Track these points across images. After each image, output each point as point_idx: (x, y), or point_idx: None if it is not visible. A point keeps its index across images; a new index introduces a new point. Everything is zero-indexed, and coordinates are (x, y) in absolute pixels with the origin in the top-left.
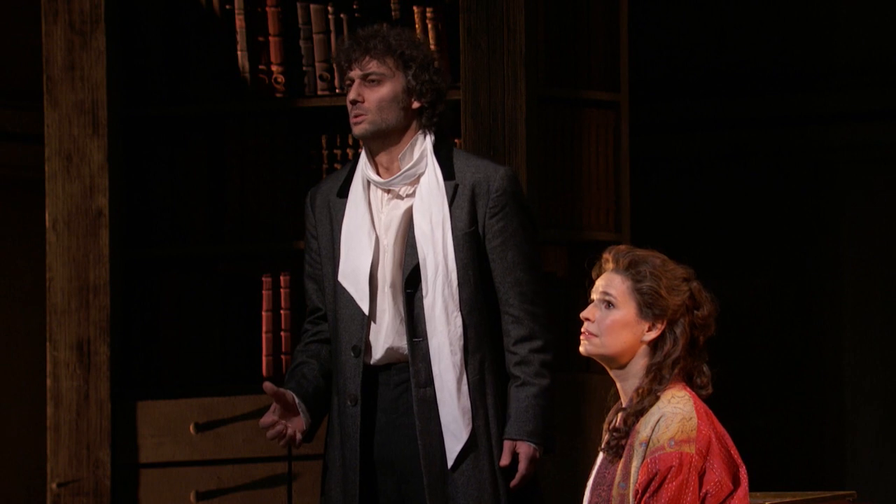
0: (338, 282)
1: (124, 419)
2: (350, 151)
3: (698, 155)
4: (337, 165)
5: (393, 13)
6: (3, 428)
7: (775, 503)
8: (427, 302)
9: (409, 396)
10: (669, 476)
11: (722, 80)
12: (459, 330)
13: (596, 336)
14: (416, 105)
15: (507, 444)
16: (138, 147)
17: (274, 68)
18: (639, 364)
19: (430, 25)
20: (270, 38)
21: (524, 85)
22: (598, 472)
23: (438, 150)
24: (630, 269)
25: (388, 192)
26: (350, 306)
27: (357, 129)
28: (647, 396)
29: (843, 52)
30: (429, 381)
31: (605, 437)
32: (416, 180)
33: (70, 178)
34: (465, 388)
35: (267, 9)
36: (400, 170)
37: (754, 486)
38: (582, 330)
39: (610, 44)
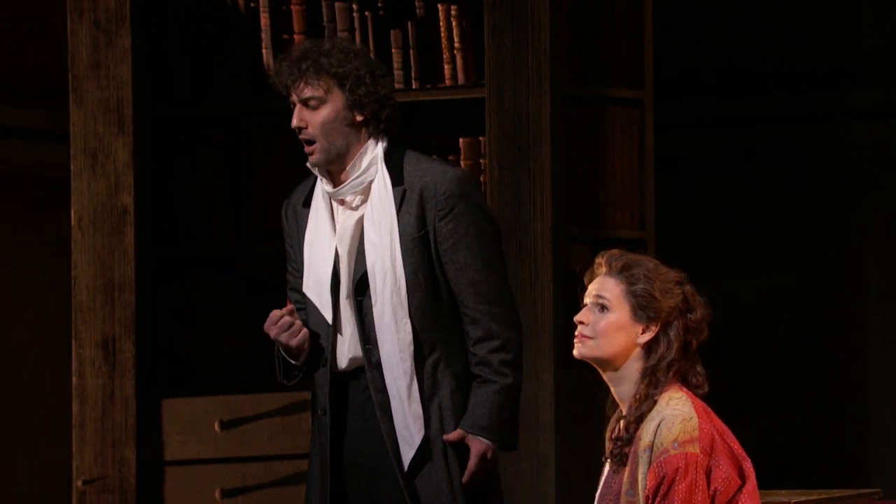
0: (304, 292)
1: (149, 417)
2: None
3: (722, 152)
4: None
5: (417, 11)
6: (30, 425)
7: (800, 501)
8: (376, 310)
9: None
10: (678, 478)
11: (746, 77)
12: (409, 337)
13: (591, 339)
14: (359, 118)
15: (459, 431)
16: (163, 145)
17: None
18: (633, 367)
19: (454, 23)
20: (295, 37)
21: (549, 83)
22: (604, 483)
23: (390, 156)
24: (623, 273)
25: (342, 202)
26: (316, 315)
27: (311, 160)
28: (645, 401)
29: (867, 50)
30: (384, 386)
31: (609, 446)
32: (367, 188)
33: (95, 176)
34: (415, 394)
35: (292, 7)
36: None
37: (780, 484)
38: (576, 333)
39: (634, 41)
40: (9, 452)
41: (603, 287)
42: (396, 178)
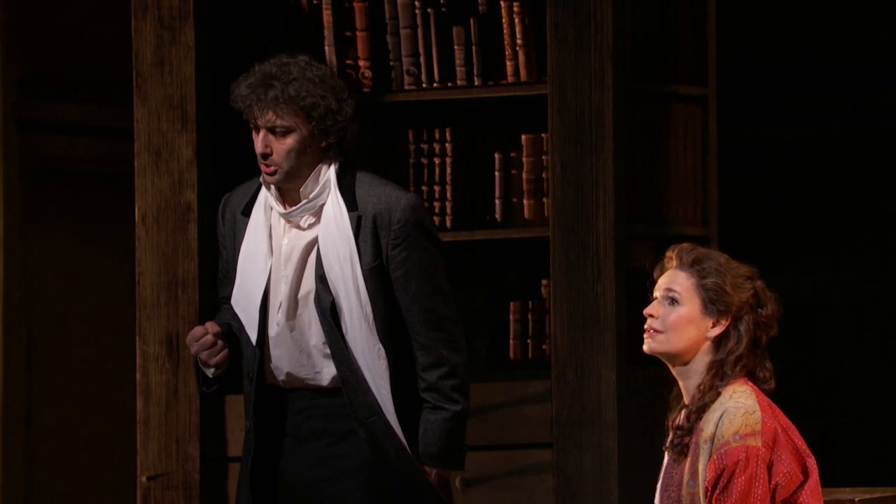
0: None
1: (213, 413)
2: (437, 146)
3: (786, 149)
4: (423, 160)
5: (480, 8)
6: (94, 421)
7: (864, 499)
8: (349, 338)
9: (311, 424)
10: (738, 471)
11: (810, 74)
12: (385, 362)
13: (661, 332)
14: (323, 145)
15: None
16: (226, 142)
17: (361, 63)
18: (702, 361)
19: (516, 20)
20: (358, 33)
21: (611, 79)
22: (665, 473)
23: (342, 178)
24: (694, 266)
25: (290, 221)
26: (244, 331)
27: (270, 180)
28: (709, 392)
29: None
30: (370, 411)
31: (669, 435)
32: (319, 210)
33: (159, 172)
34: (394, 417)
35: (354, 4)
36: (301, 200)
37: (842, 482)
38: (645, 327)
39: (697, 37)
40: (75, 448)
41: (673, 280)
42: (350, 203)
